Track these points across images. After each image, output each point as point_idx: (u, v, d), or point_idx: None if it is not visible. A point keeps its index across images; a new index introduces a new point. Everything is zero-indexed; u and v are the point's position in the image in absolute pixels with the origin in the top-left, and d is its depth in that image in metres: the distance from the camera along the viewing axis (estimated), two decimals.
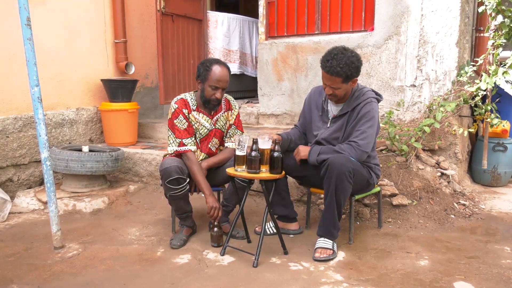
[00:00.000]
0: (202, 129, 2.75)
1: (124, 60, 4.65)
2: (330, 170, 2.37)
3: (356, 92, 2.57)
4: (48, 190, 2.56)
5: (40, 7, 3.90)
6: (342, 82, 2.43)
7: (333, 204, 2.43)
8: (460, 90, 3.45)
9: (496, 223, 3.03)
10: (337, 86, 2.45)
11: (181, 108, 2.67)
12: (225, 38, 5.48)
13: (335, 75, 2.41)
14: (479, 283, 2.17)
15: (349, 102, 2.56)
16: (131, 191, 3.75)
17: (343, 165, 2.36)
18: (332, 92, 2.49)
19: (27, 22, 2.37)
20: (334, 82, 2.44)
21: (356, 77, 2.48)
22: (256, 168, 2.37)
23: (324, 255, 2.44)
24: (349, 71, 2.40)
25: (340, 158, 2.39)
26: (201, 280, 2.23)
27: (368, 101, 2.50)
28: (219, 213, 2.58)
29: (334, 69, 2.39)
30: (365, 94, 2.54)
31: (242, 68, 5.77)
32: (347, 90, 2.52)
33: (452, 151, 3.59)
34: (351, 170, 2.38)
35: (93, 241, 2.78)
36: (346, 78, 2.43)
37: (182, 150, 2.65)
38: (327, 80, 2.47)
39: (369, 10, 3.98)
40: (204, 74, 2.63)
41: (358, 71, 2.46)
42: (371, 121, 2.48)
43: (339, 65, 2.38)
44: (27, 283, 2.22)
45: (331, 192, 2.40)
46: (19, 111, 3.75)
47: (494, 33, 3.30)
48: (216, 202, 2.59)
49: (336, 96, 2.52)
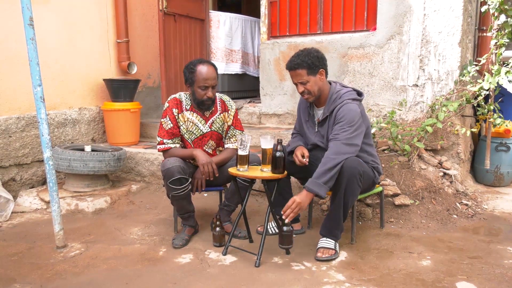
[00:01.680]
0: (195, 130, 2.75)
1: (127, 60, 4.65)
2: (341, 172, 2.36)
3: (334, 94, 2.54)
4: (50, 190, 2.57)
5: (43, 7, 3.91)
6: (307, 74, 2.46)
7: (340, 206, 2.43)
8: (462, 90, 3.44)
9: (499, 223, 3.02)
10: (304, 79, 2.47)
11: (171, 107, 2.70)
12: (227, 38, 5.48)
13: (297, 68, 2.46)
14: (482, 283, 2.17)
15: (328, 105, 2.55)
16: (133, 190, 3.76)
17: (355, 168, 2.36)
18: (303, 89, 2.50)
19: (29, 22, 2.37)
20: (300, 76, 2.47)
21: (321, 68, 2.49)
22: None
23: (326, 255, 2.44)
24: (309, 60, 2.44)
25: (353, 161, 2.38)
26: (203, 280, 2.23)
27: (344, 103, 2.46)
28: (212, 166, 2.59)
29: (294, 62, 2.47)
30: (342, 96, 2.51)
31: (244, 68, 5.77)
32: (318, 85, 2.51)
33: (455, 151, 3.58)
34: (362, 173, 2.39)
35: (96, 240, 2.79)
36: (309, 68, 2.45)
37: (161, 148, 2.70)
38: (294, 77, 2.52)
39: (372, 9, 3.98)
40: (190, 77, 2.64)
41: (320, 60, 2.48)
42: (348, 123, 2.40)
43: (299, 58, 2.47)
44: (30, 282, 2.22)
45: (340, 194, 2.40)
46: (22, 111, 3.76)
47: (497, 32, 3.29)
48: (207, 157, 2.61)
49: (310, 93, 2.52)
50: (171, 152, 2.70)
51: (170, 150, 2.70)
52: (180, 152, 2.69)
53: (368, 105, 3.89)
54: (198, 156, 2.61)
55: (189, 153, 2.67)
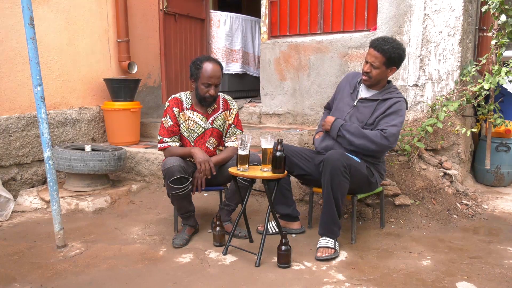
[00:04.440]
0: (196, 128, 2.76)
1: (127, 60, 4.65)
2: (325, 166, 2.40)
3: (392, 88, 2.66)
4: (51, 189, 2.57)
5: (43, 7, 3.91)
6: (383, 63, 2.53)
7: (330, 201, 2.43)
8: (463, 90, 3.44)
9: (499, 223, 3.02)
10: (377, 64, 2.54)
11: (171, 106, 2.73)
12: (227, 37, 5.48)
13: (380, 52, 2.52)
14: (482, 283, 2.17)
15: (382, 92, 2.64)
16: (133, 190, 3.76)
17: (337, 160, 2.38)
18: (370, 70, 2.57)
19: (30, 22, 2.37)
20: (377, 59, 2.53)
21: (396, 66, 2.58)
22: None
23: (326, 254, 2.44)
24: (393, 53, 2.51)
25: (334, 154, 2.41)
26: (203, 280, 2.23)
27: (401, 100, 2.61)
28: (210, 164, 2.60)
29: (382, 46, 2.52)
30: (399, 93, 2.64)
31: (245, 68, 5.77)
32: (383, 76, 2.60)
33: (455, 151, 3.58)
34: (346, 165, 2.39)
35: (96, 240, 2.79)
36: (388, 60, 2.52)
37: (162, 146, 2.72)
38: (370, 56, 2.56)
39: (372, 9, 3.98)
40: (196, 72, 2.67)
41: (400, 59, 2.57)
42: (401, 118, 2.56)
43: (387, 44, 2.52)
44: (30, 282, 2.22)
45: (327, 188, 2.41)
46: (22, 110, 3.76)
47: (497, 32, 3.29)
48: (204, 155, 2.62)
49: (370, 78, 2.59)
50: (169, 150, 2.71)
51: (169, 148, 2.71)
52: (178, 150, 2.70)
53: None
54: (195, 153, 2.62)
55: (187, 151, 2.68)
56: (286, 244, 2.33)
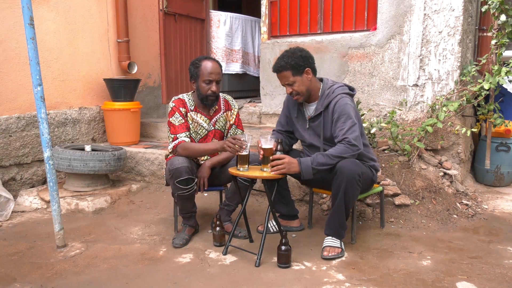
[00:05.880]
0: (200, 130, 2.76)
1: (127, 60, 4.65)
2: (339, 175, 2.36)
3: (326, 90, 2.56)
4: (50, 189, 2.57)
5: (43, 7, 3.91)
6: (293, 75, 2.47)
7: (341, 207, 2.44)
8: (463, 90, 3.44)
9: (499, 223, 3.02)
10: (290, 81, 2.49)
11: (178, 106, 2.70)
12: (227, 37, 5.48)
13: (282, 70, 2.48)
14: (482, 283, 2.17)
15: (321, 101, 2.55)
16: (133, 190, 3.76)
17: (353, 170, 2.36)
18: (291, 90, 2.52)
19: (30, 22, 2.37)
20: (286, 78, 2.49)
21: (306, 67, 2.48)
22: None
23: (332, 253, 2.45)
24: (293, 61, 2.45)
25: (349, 164, 2.37)
26: (203, 280, 2.23)
27: (339, 97, 2.49)
28: (204, 181, 2.69)
29: (279, 65, 2.49)
30: (335, 91, 2.53)
31: (245, 68, 5.77)
32: (306, 84, 2.51)
33: (455, 151, 3.58)
34: (360, 173, 2.39)
35: (96, 240, 2.79)
36: (294, 69, 2.46)
37: (176, 143, 2.64)
38: (281, 80, 2.54)
39: (372, 9, 3.97)
40: (195, 71, 2.66)
41: (304, 60, 2.48)
42: (350, 115, 2.43)
43: (283, 60, 2.47)
44: (30, 282, 2.23)
45: (341, 196, 2.40)
46: (22, 110, 3.76)
47: (497, 32, 3.29)
48: (203, 172, 2.69)
49: (298, 94, 2.53)
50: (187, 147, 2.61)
51: (186, 145, 2.61)
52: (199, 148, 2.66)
53: (368, 105, 3.89)
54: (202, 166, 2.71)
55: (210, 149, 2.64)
56: (286, 244, 2.33)
